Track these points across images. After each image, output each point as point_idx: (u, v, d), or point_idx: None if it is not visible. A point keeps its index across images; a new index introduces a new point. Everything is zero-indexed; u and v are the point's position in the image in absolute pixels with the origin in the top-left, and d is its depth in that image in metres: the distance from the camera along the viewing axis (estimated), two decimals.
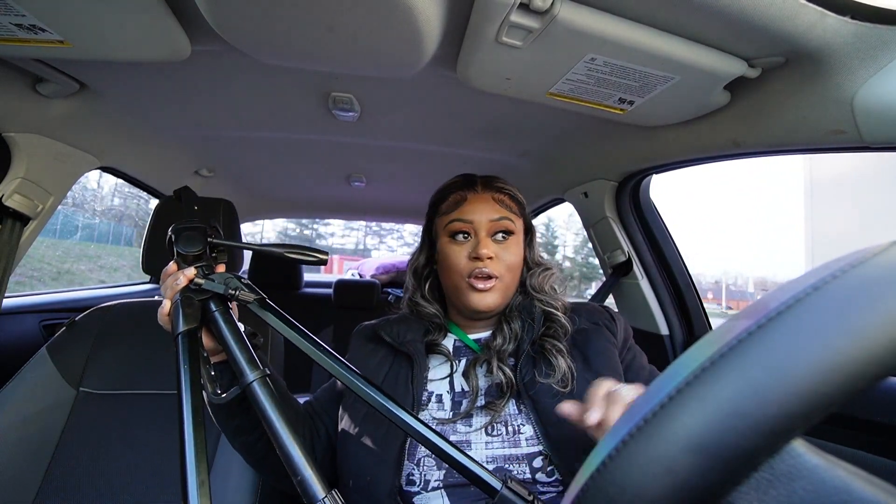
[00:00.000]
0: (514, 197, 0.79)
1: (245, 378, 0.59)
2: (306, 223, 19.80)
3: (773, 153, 0.81)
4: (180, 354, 0.59)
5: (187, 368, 0.58)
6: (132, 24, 0.64)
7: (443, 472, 0.67)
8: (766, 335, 0.18)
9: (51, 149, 1.03)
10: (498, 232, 0.75)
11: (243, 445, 0.73)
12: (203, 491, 0.48)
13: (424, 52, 0.67)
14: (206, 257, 0.68)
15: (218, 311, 0.65)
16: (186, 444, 0.52)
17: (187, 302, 0.63)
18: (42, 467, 0.87)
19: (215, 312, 0.65)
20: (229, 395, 0.60)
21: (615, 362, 0.73)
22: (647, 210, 1.27)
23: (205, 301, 0.65)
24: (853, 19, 0.54)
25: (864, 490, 0.17)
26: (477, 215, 0.75)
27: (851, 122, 0.63)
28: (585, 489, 0.20)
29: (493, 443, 0.68)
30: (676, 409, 0.19)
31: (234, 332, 0.63)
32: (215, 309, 0.65)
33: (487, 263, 0.73)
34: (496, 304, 0.74)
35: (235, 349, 0.61)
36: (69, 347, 1.00)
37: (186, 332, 0.61)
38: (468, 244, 0.75)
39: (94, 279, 6.01)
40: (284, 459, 0.54)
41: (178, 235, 0.67)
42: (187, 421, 0.54)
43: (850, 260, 0.19)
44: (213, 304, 0.65)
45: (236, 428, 0.71)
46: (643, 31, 0.60)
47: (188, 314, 0.62)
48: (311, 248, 0.69)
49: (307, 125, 1.19)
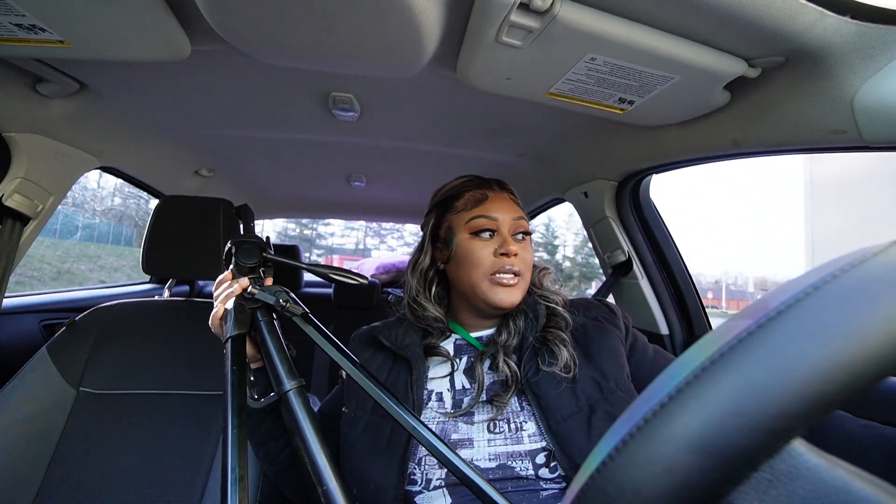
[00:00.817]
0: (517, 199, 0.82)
1: (283, 386, 0.62)
2: (306, 223, 19.82)
3: (773, 153, 0.81)
4: (230, 357, 0.63)
5: (235, 370, 0.61)
6: (132, 24, 0.64)
7: (444, 470, 0.67)
8: (766, 335, 0.18)
9: (51, 149, 1.03)
10: (518, 232, 0.77)
11: (267, 454, 0.76)
12: (242, 485, 0.51)
13: (424, 52, 0.67)
14: (257, 270, 0.74)
15: (264, 321, 0.69)
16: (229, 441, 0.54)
17: (240, 309, 0.68)
18: (42, 467, 0.87)
19: (262, 322, 0.69)
20: (267, 400, 0.64)
21: (619, 357, 0.73)
22: (647, 210, 1.27)
23: (253, 310, 0.69)
24: (853, 19, 0.54)
25: (864, 490, 0.17)
26: (501, 213, 0.76)
27: (851, 121, 0.63)
28: (585, 489, 0.20)
29: (496, 440, 0.69)
30: (676, 409, 0.19)
31: (276, 341, 0.67)
32: (262, 318, 0.69)
33: (514, 260, 0.73)
34: (519, 300, 0.75)
35: (277, 358, 0.65)
36: (69, 347, 1.00)
37: (237, 336, 0.65)
38: (493, 241, 0.75)
39: (94, 279, 6.01)
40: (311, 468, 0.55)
41: (238, 248, 0.73)
42: (231, 419, 0.57)
43: (850, 260, 0.19)
44: (260, 313, 0.69)
45: (265, 434, 0.74)
46: (643, 31, 0.60)
47: (240, 320, 0.67)
48: (353, 273, 0.74)
49: (307, 125, 1.19)
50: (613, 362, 0.72)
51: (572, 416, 0.67)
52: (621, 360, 0.73)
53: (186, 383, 1.00)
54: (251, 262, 0.72)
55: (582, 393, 0.69)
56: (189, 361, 1.03)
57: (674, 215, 24.71)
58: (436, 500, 0.66)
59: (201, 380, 1.00)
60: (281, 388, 0.62)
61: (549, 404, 0.68)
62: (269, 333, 0.68)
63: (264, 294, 0.69)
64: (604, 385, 0.70)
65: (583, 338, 0.76)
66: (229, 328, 0.66)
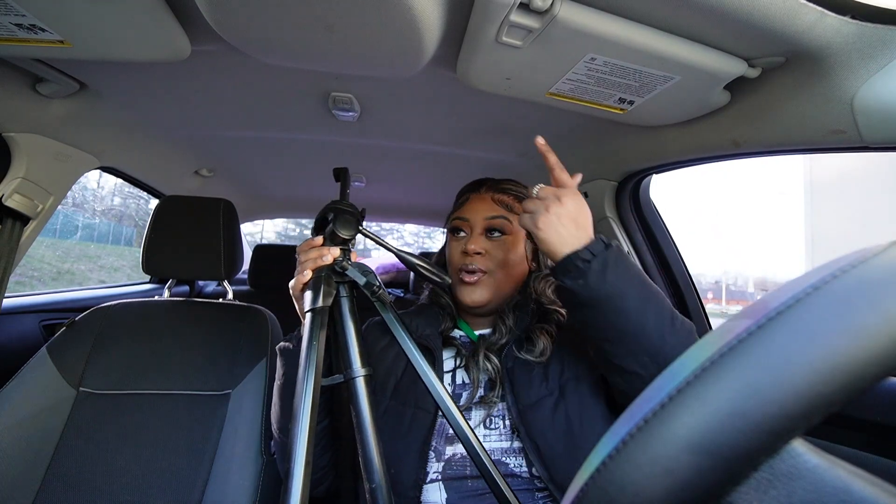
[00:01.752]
0: (522, 199, 0.81)
1: (353, 371, 0.60)
2: (306, 223, 19.76)
3: (773, 153, 0.81)
4: (308, 329, 0.58)
5: (314, 345, 0.57)
6: (132, 24, 0.64)
7: (441, 464, 0.69)
8: (767, 335, 0.18)
9: (51, 149, 1.03)
10: (492, 230, 0.78)
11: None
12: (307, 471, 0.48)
13: (424, 52, 0.67)
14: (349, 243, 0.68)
15: (346, 298, 0.66)
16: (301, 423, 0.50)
17: (328, 280, 0.63)
18: (42, 467, 0.87)
19: (344, 298, 0.65)
20: (331, 380, 0.61)
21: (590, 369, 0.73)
22: (647, 210, 1.27)
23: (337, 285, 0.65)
24: (853, 19, 0.54)
25: (864, 490, 0.17)
26: (473, 214, 0.80)
27: (851, 121, 0.63)
28: (585, 489, 0.20)
29: (491, 436, 0.70)
30: (676, 409, 0.19)
31: (355, 322, 0.64)
32: (345, 295, 0.66)
33: (475, 259, 0.76)
34: (484, 298, 0.76)
35: (352, 340, 0.62)
36: (69, 347, 1.00)
37: (322, 308, 0.61)
38: (463, 240, 0.79)
39: (94, 279, 6.01)
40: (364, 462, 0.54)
41: (338, 215, 0.67)
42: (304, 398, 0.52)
43: (850, 260, 0.19)
44: (343, 289, 0.66)
45: None
46: (643, 31, 0.60)
47: (327, 292, 0.62)
48: (438, 270, 0.71)
49: (307, 125, 1.19)
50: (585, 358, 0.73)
51: (541, 400, 0.69)
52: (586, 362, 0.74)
53: (186, 383, 1.00)
54: (348, 234, 0.67)
55: (552, 377, 0.72)
56: (189, 361, 1.03)
57: (674, 215, 24.66)
58: (432, 493, 0.67)
59: (201, 380, 1.00)
60: (351, 371, 0.60)
61: (520, 389, 0.70)
62: (350, 313, 0.65)
63: (355, 272, 0.64)
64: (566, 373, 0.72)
65: (569, 333, 0.77)
66: (313, 299, 0.61)
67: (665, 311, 0.60)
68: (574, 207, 0.62)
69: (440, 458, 0.70)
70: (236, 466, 0.90)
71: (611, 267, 0.57)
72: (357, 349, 0.61)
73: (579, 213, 0.62)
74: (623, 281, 0.58)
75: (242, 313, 1.12)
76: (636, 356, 0.58)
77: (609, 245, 0.60)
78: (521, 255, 0.79)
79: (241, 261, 1.21)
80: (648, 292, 0.60)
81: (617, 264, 0.58)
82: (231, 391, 0.99)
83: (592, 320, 0.60)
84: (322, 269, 0.64)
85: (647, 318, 0.58)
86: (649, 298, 0.60)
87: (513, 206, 0.79)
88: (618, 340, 0.59)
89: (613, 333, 0.59)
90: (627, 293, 0.58)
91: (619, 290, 0.57)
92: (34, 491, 0.85)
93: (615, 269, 0.58)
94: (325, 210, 0.68)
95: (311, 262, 0.64)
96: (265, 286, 2.22)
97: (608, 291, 0.57)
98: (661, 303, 0.61)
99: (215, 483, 0.90)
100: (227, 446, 0.93)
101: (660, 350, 0.57)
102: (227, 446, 0.93)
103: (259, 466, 0.91)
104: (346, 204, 0.69)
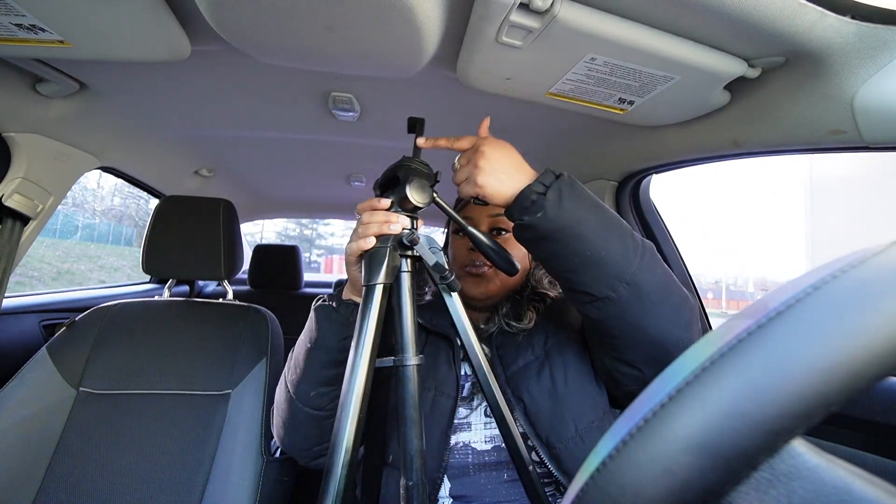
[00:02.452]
0: None
1: (406, 357, 0.53)
2: (306, 223, 19.78)
3: (773, 153, 0.81)
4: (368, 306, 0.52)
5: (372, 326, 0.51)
6: (132, 24, 0.64)
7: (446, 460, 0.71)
8: (766, 335, 0.18)
9: (51, 149, 1.03)
10: (494, 228, 0.81)
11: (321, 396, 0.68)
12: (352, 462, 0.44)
13: (424, 52, 0.67)
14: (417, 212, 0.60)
15: (407, 274, 0.57)
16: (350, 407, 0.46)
17: (393, 255, 0.56)
18: (42, 467, 0.87)
19: (404, 274, 0.57)
20: (380, 363, 0.53)
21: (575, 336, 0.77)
22: (647, 210, 1.27)
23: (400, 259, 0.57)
24: (853, 19, 0.54)
25: (864, 490, 0.17)
26: (478, 213, 0.82)
27: (851, 121, 0.63)
28: (585, 489, 0.20)
29: (491, 423, 0.72)
30: (676, 409, 0.19)
31: (412, 304, 0.56)
32: (407, 270, 0.57)
33: (481, 256, 0.78)
34: (489, 292, 0.79)
35: (408, 323, 0.55)
36: (69, 347, 1.00)
37: (385, 285, 0.54)
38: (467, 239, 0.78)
39: (94, 279, 6.01)
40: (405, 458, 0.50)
41: (411, 176, 0.57)
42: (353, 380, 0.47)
43: (849, 260, 0.19)
44: (406, 264, 0.57)
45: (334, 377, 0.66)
46: (643, 31, 0.60)
47: (391, 267, 0.55)
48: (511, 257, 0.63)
49: (307, 125, 1.19)
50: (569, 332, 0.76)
51: (527, 364, 0.73)
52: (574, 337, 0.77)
53: (186, 383, 1.00)
54: (422, 201, 0.57)
55: (538, 345, 0.75)
56: (189, 361, 1.03)
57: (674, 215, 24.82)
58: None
59: (201, 380, 1.00)
60: (404, 357, 0.53)
61: (508, 359, 0.74)
62: (410, 292, 0.56)
63: (424, 249, 0.57)
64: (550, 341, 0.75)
65: (559, 307, 0.80)
66: (374, 273, 0.54)
67: (625, 231, 0.59)
68: (500, 151, 0.60)
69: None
70: (236, 467, 0.90)
71: (566, 194, 0.56)
72: (412, 334, 0.55)
73: (507, 154, 0.60)
74: (580, 207, 0.57)
75: (242, 313, 1.12)
76: (603, 281, 0.56)
77: (559, 175, 0.58)
78: (524, 252, 0.81)
79: (241, 261, 1.21)
80: (605, 216, 0.59)
81: (572, 191, 0.57)
82: (231, 391, 0.99)
83: (556, 251, 0.57)
84: (388, 238, 0.56)
85: (608, 240, 0.57)
86: (608, 221, 0.58)
87: None
88: (582, 268, 0.56)
89: (577, 260, 0.56)
90: (586, 218, 0.56)
91: (578, 216, 0.56)
92: (34, 491, 0.85)
93: (570, 196, 0.56)
94: (396, 167, 0.59)
95: (377, 226, 0.57)
96: (265, 286, 2.22)
97: (567, 219, 0.55)
98: (621, 224, 0.60)
99: (215, 483, 0.90)
100: (226, 446, 0.93)
101: (625, 270, 0.56)
102: (227, 446, 0.93)
103: (259, 467, 0.91)
104: (421, 163, 0.61)
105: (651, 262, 0.58)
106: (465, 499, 0.68)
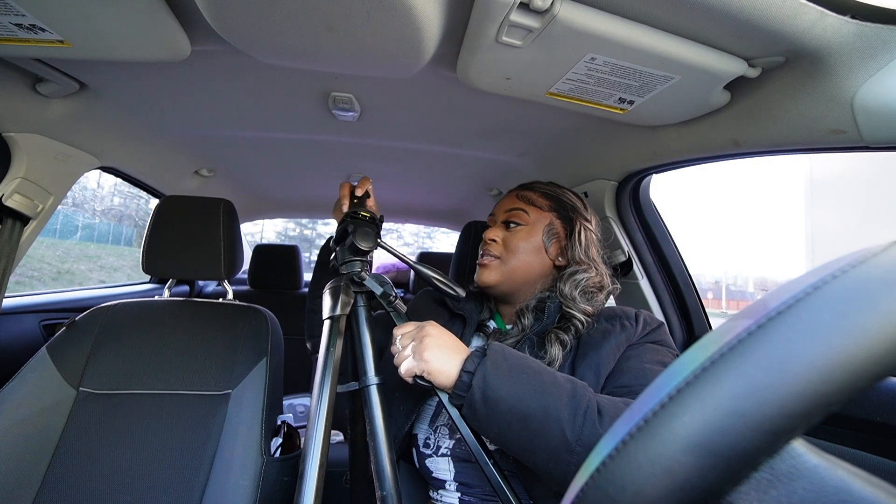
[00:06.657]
0: (549, 195, 0.86)
1: (367, 379, 0.62)
2: (306, 223, 19.77)
3: (773, 153, 0.81)
4: (329, 336, 0.61)
5: (332, 352, 0.59)
6: (132, 24, 0.64)
7: (452, 441, 0.73)
8: (766, 335, 0.18)
9: (51, 149, 1.03)
10: (510, 221, 0.85)
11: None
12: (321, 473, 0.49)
13: (424, 52, 0.67)
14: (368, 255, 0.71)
15: (363, 308, 0.68)
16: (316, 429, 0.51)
17: (346, 290, 0.66)
18: (42, 467, 0.87)
19: (361, 308, 0.68)
20: (346, 387, 0.64)
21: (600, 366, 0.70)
22: (647, 210, 1.27)
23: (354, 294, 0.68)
24: (853, 19, 0.54)
25: (864, 490, 0.17)
26: (498, 209, 0.88)
27: (851, 121, 0.63)
28: (585, 489, 0.20)
29: None
30: (676, 409, 0.19)
31: (370, 331, 0.66)
32: (362, 305, 0.68)
33: (490, 246, 0.83)
34: (492, 280, 0.81)
35: (368, 348, 0.65)
36: (69, 347, 1.00)
37: (340, 317, 0.64)
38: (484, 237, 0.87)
39: (94, 279, 6.01)
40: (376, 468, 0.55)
41: (357, 227, 0.69)
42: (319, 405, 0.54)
43: (849, 260, 0.19)
44: (361, 298, 0.68)
45: None
46: (643, 31, 0.60)
47: (345, 301, 0.65)
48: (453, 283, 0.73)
49: (307, 125, 1.19)
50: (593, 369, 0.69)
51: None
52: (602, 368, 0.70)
53: (186, 383, 1.00)
54: (367, 246, 0.68)
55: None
56: (189, 361, 1.03)
57: (674, 215, 24.74)
58: (441, 464, 0.72)
59: (201, 380, 1.00)
60: (366, 379, 0.62)
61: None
62: (367, 322, 0.67)
63: (372, 282, 0.67)
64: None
65: (585, 338, 0.74)
66: (332, 307, 0.64)
67: (564, 392, 0.56)
68: (437, 332, 0.63)
69: (452, 437, 0.73)
70: (236, 466, 0.90)
71: (490, 377, 0.55)
72: (372, 358, 0.63)
73: (442, 335, 0.63)
74: (510, 384, 0.55)
75: (242, 313, 1.12)
76: (558, 455, 0.52)
77: (484, 353, 0.58)
78: (537, 246, 0.81)
79: (241, 261, 1.21)
80: (541, 380, 0.56)
81: (497, 367, 0.56)
82: (231, 391, 0.99)
83: (503, 430, 0.55)
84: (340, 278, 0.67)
85: (548, 404, 0.53)
86: (543, 385, 0.55)
87: (535, 201, 0.84)
88: (531, 443, 0.53)
89: (525, 435, 0.53)
90: (517, 388, 0.54)
91: (510, 389, 0.54)
92: (34, 491, 0.85)
93: (496, 375, 0.55)
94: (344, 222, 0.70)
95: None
96: (265, 286, 2.22)
97: (498, 393, 0.54)
98: (559, 387, 0.56)
99: (215, 483, 0.90)
100: (226, 446, 0.93)
101: (574, 433, 0.52)
102: (227, 446, 0.93)
103: (259, 467, 0.91)
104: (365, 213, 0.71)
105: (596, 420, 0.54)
106: (469, 486, 0.69)
